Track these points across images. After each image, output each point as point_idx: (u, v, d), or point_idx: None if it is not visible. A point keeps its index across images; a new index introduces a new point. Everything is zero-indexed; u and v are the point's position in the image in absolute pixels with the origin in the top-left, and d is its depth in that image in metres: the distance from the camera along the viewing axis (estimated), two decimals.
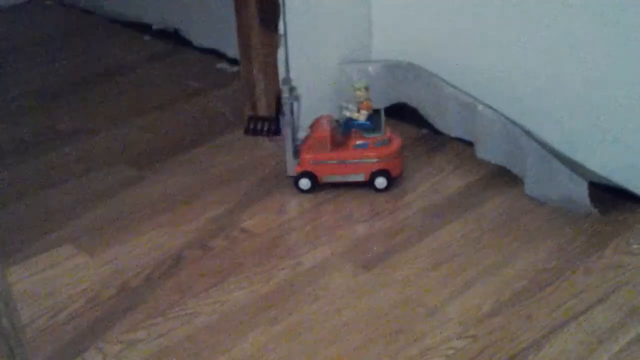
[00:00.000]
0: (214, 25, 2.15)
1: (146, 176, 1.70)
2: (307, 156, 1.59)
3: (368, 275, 1.39)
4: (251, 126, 1.79)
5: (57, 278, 1.41)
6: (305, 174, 1.60)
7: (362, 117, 1.59)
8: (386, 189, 1.59)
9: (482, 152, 1.62)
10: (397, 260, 1.42)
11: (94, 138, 1.88)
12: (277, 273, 1.40)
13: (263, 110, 1.79)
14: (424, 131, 1.79)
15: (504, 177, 1.60)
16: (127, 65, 2.24)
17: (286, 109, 1.57)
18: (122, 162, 1.76)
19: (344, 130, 1.60)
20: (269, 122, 1.79)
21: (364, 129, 1.59)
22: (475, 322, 1.27)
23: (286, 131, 1.59)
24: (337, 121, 1.62)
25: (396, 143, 1.60)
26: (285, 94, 1.57)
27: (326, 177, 1.60)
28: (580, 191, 1.45)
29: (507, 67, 1.61)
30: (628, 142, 1.47)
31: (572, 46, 1.49)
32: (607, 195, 1.51)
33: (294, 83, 1.69)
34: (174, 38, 2.32)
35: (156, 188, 1.66)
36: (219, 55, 2.19)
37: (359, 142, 1.58)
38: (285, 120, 1.58)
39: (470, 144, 1.69)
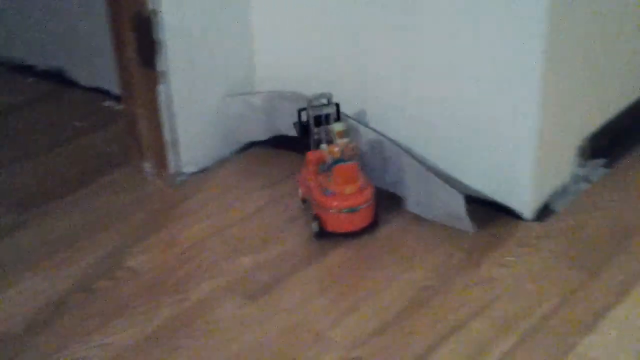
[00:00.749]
0: (99, 64, 2.14)
1: (28, 221, 1.67)
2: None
3: (255, 305, 1.40)
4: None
5: None
6: None
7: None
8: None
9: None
10: (283, 288, 1.43)
11: None
12: (163, 311, 1.39)
13: (148, 149, 1.78)
14: None
15: (384, 198, 1.64)
16: (10, 108, 2.19)
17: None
18: (3, 207, 1.72)
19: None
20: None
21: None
22: (360, 343, 1.30)
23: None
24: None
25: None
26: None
27: None
28: (457, 206, 1.50)
29: (383, 89, 1.66)
30: (498, 156, 1.54)
31: (443, 63, 1.54)
32: (483, 209, 1.57)
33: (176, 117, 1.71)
34: (59, 78, 2.29)
35: (38, 233, 1.63)
36: (105, 93, 2.18)
37: None
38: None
39: None
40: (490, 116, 1.53)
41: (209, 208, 1.68)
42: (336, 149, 1.52)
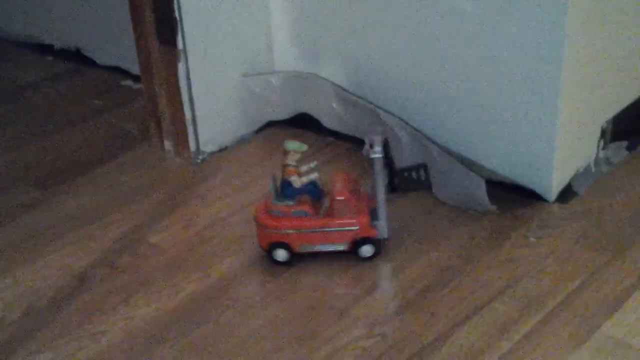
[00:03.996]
0: (117, 43, 2.14)
1: (49, 198, 1.67)
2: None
3: (276, 282, 1.40)
4: (405, 176, 1.45)
5: None
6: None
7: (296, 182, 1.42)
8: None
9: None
10: (304, 266, 1.43)
11: None
12: (186, 287, 1.40)
13: (168, 128, 1.78)
14: (330, 139, 1.82)
15: None
16: (29, 86, 2.19)
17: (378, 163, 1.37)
18: (24, 184, 1.73)
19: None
20: (423, 169, 1.46)
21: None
22: (382, 321, 1.30)
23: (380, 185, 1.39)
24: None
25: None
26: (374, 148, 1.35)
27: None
28: (478, 189, 1.50)
29: (403, 72, 1.65)
30: (521, 139, 1.53)
31: (465, 47, 1.54)
32: (505, 192, 1.57)
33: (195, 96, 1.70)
34: (77, 57, 2.29)
35: (59, 209, 1.63)
36: (123, 73, 2.18)
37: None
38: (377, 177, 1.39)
39: None
40: (512, 98, 1.52)
41: (229, 186, 1.68)
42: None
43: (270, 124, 1.86)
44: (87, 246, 1.51)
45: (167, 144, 1.80)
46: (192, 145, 1.76)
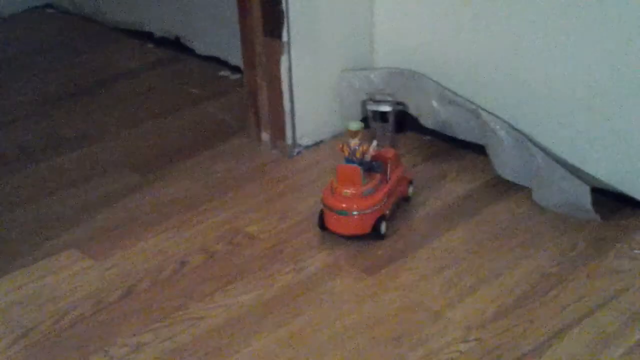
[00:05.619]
0: (216, 33, 2.17)
1: (149, 182, 1.70)
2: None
3: (372, 280, 1.40)
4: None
5: (61, 282, 1.41)
6: None
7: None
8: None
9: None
10: (401, 265, 1.42)
11: (96, 145, 1.88)
12: (281, 277, 1.40)
13: (267, 119, 1.79)
14: (427, 137, 1.80)
15: (506, 184, 1.61)
16: (129, 72, 2.24)
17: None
18: (125, 168, 1.77)
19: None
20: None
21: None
22: (479, 326, 1.28)
23: None
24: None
25: None
26: None
27: None
28: (582, 197, 1.46)
29: (508, 73, 1.62)
30: (629, 147, 1.49)
31: (572, 49, 1.50)
32: (609, 200, 1.52)
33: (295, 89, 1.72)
34: (176, 46, 2.32)
35: (159, 194, 1.66)
36: (221, 63, 2.20)
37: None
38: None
39: (473, 150, 1.70)
40: (618, 106, 1.47)
41: (324, 181, 1.68)
42: (345, 148, 1.46)
43: (367, 120, 1.86)
44: (186, 232, 1.53)
45: (265, 136, 1.81)
46: (289, 138, 1.77)
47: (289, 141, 1.77)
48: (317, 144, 1.81)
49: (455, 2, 1.66)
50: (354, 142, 1.45)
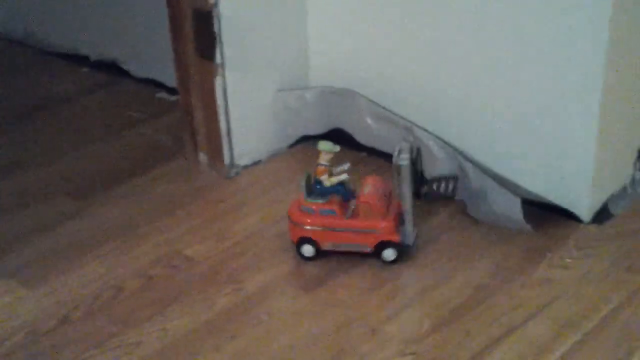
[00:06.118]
0: (152, 55, 2.16)
1: (85, 208, 1.69)
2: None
3: (310, 297, 1.40)
4: (433, 187, 1.49)
5: None
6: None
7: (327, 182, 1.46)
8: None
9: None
10: (338, 282, 1.43)
11: (31, 171, 1.86)
12: (220, 299, 1.40)
13: (203, 140, 1.79)
14: (363, 154, 1.82)
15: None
16: (65, 97, 2.22)
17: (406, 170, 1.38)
18: (61, 195, 1.75)
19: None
20: (453, 181, 1.52)
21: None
22: (416, 340, 1.30)
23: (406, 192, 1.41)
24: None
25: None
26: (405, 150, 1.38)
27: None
28: (514, 208, 1.49)
29: (440, 89, 1.65)
30: (558, 158, 1.52)
31: (504, 63, 1.54)
32: (540, 211, 1.56)
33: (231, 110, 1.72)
34: (112, 69, 2.31)
35: (96, 220, 1.65)
36: (158, 85, 2.20)
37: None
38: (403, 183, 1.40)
39: None
40: (549, 118, 1.51)
41: (263, 200, 1.69)
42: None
43: (304, 139, 1.87)
44: (123, 257, 1.52)
45: (202, 157, 1.81)
46: (226, 159, 1.77)
47: (227, 162, 1.78)
48: (255, 164, 1.82)
49: (390, 20, 1.69)
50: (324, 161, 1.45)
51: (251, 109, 1.79)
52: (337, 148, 1.46)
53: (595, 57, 1.41)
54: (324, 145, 1.46)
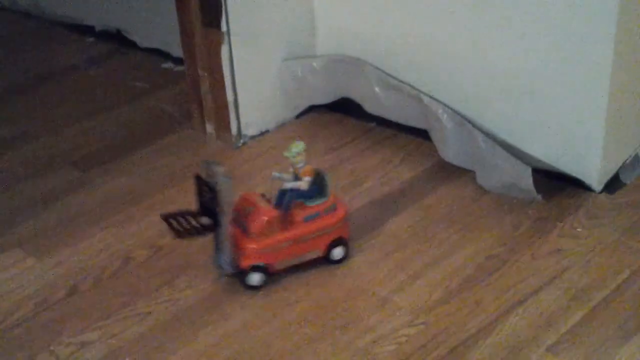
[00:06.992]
0: (158, 25, 2.14)
1: (92, 178, 1.68)
2: (253, 246, 1.32)
3: (318, 269, 1.40)
4: (181, 228, 1.32)
5: (4, 283, 1.39)
6: (256, 268, 1.33)
7: (304, 184, 1.34)
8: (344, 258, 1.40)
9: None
10: (348, 251, 1.43)
11: (37, 142, 1.85)
12: None
13: (210, 110, 1.77)
14: (372, 124, 1.80)
15: (450, 168, 1.62)
16: (70, 67, 2.21)
17: (223, 195, 1.28)
18: (67, 165, 1.74)
19: (281, 203, 1.35)
20: (195, 216, 1.34)
21: (308, 197, 1.36)
22: (426, 310, 1.29)
23: (225, 220, 1.30)
24: (263, 195, 1.38)
25: (342, 204, 1.40)
26: (220, 175, 1.27)
27: (279, 264, 1.35)
28: (524, 177, 1.48)
29: (449, 56, 1.63)
30: (568, 127, 1.51)
31: (514, 32, 1.51)
32: (550, 180, 1.54)
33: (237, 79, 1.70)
34: (118, 39, 2.29)
35: (102, 190, 1.64)
36: (164, 55, 2.18)
37: (307, 214, 1.35)
38: (224, 206, 1.29)
39: (418, 135, 1.71)
40: (560, 87, 1.49)
41: (270, 171, 1.67)
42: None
43: (312, 109, 1.86)
44: (131, 228, 1.52)
45: (209, 127, 1.80)
46: (233, 129, 1.76)
47: (234, 132, 1.76)
48: (262, 134, 1.80)
49: None
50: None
51: (258, 78, 1.77)
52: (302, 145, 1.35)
53: (606, 22, 1.39)
54: (299, 146, 1.35)
